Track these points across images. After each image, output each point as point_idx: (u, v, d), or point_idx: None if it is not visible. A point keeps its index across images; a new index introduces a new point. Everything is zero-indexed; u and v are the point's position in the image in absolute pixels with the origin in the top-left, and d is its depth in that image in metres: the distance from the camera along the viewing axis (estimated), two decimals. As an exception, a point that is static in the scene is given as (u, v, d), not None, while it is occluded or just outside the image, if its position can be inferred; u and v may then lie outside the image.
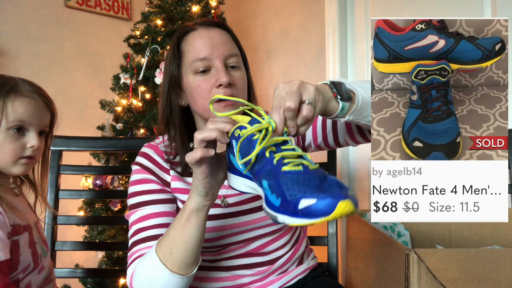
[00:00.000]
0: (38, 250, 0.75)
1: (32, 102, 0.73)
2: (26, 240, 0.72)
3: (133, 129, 1.77)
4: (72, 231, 1.97)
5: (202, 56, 0.73)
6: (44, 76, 2.13)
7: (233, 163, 0.56)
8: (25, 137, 0.72)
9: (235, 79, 0.75)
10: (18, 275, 0.69)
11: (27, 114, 0.72)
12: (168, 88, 0.78)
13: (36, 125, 0.74)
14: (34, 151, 0.73)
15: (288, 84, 0.54)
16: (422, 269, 0.57)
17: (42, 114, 0.75)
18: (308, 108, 0.53)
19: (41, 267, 0.75)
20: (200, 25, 0.77)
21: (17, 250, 0.69)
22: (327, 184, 0.43)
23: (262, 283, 0.80)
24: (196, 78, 0.75)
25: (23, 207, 0.76)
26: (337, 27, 1.87)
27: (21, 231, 0.71)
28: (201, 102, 0.75)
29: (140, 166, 0.79)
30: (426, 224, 1.03)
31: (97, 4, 2.31)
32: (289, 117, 0.53)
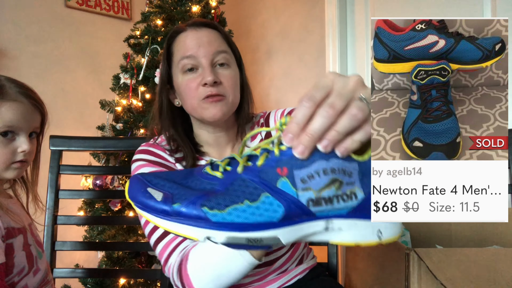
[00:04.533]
0: (33, 252, 0.74)
1: (20, 105, 0.69)
2: (21, 243, 0.71)
3: (133, 129, 1.77)
4: (72, 231, 1.97)
5: (188, 54, 0.74)
6: (44, 76, 2.13)
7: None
8: (15, 141, 0.70)
9: (223, 77, 0.75)
10: (14, 278, 0.68)
11: (16, 119, 0.69)
12: (160, 89, 0.80)
13: (26, 129, 0.71)
14: (26, 154, 0.72)
15: (342, 78, 0.36)
16: (422, 269, 0.57)
17: (32, 117, 0.72)
18: (359, 105, 0.35)
19: (36, 269, 0.74)
20: (190, 26, 0.77)
21: (12, 253, 0.68)
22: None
23: (261, 282, 0.80)
24: (184, 77, 0.76)
25: (17, 209, 0.75)
26: (337, 27, 1.87)
27: (15, 234, 0.70)
28: (189, 100, 0.75)
29: (144, 161, 0.77)
30: (426, 224, 1.03)
31: (97, 4, 2.31)
32: (324, 119, 0.34)
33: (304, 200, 0.35)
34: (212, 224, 0.35)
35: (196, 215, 0.35)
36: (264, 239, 0.36)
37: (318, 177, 0.35)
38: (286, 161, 0.35)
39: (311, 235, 0.37)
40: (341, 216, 0.36)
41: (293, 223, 0.36)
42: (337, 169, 0.35)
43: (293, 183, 0.35)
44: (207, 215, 0.35)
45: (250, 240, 0.35)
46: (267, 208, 0.35)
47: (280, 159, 0.36)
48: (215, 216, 0.35)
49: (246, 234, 0.35)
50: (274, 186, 0.35)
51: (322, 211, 0.36)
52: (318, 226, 0.37)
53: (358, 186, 0.36)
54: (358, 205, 0.36)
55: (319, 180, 0.35)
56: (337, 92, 0.35)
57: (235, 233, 0.35)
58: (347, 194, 0.36)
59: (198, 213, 0.35)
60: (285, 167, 0.35)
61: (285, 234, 0.36)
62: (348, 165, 0.35)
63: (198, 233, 0.35)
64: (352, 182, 0.36)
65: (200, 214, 0.35)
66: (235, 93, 0.78)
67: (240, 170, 0.37)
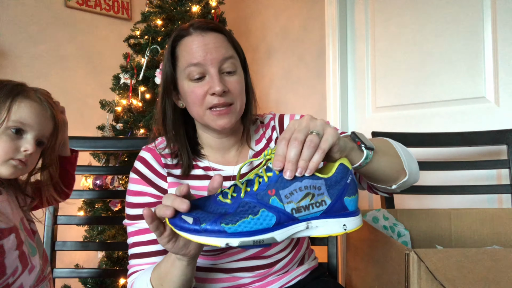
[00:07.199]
0: (25, 250, 0.73)
1: (38, 107, 0.72)
2: (13, 243, 0.70)
3: (133, 129, 1.77)
4: (72, 231, 1.97)
5: (195, 61, 0.73)
6: (44, 76, 2.14)
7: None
8: (22, 140, 0.71)
9: (230, 84, 0.74)
10: (8, 279, 0.68)
11: (29, 117, 0.71)
12: (163, 91, 0.79)
13: (36, 131, 0.72)
14: (27, 156, 0.71)
15: (298, 121, 0.54)
16: (422, 269, 0.57)
17: (45, 122, 0.74)
18: (311, 137, 0.51)
19: (31, 267, 0.73)
20: (195, 29, 0.75)
21: (2, 255, 0.67)
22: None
23: (261, 283, 0.80)
24: (190, 84, 0.74)
25: (6, 207, 0.73)
26: (337, 27, 1.87)
27: (5, 235, 0.69)
28: (195, 108, 0.75)
29: (137, 175, 0.79)
30: (426, 224, 1.03)
31: (97, 4, 2.31)
32: (292, 148, 0.51)
33: (289, 210, 0.51)
34: (229, 234, 0.50)
35: (217, 230, 0.50)
36: (265, 240, 0.51)
37: (296, 193, 0.51)
38: (273, 184, 0.51)
39: (296, 233, 0.52)
40: (316, 217, 0.52)
41: (283, 226, 0.51)
42: (309, 186, 0.51)
43: (280, 199, 0.51)
44: (224, 229, 0.50)
45: (255, 241, 0.50)
46: (265, 219, 0.50)
47: (269, 183, 0.51)
48: (230, 228, 0.50)
49: (252, 238, 0.50)
50: (267, 203, 0.51)
51: (303, 216, 0.51)
52: (301, 226, 0.52)
53: (326, 195, 0.51)
54: (327, 208, 0.52)
55: (297, 195, 0.51)
56: (297, 130, 0.52)
57: (245, 238, 0.50)
58: (318, 202, 0.51)
59: (219, 228, 0.50)
60: (273, 189, 0.51)
61: (279, 235, 0.51)
62: (317, 182, 0.51)
63: (220, 241, 0.50)
64: (321, 193, 0.51)
65: (220, 229, 0.50)
66: (242, 98, 0.77)
67: (243, 195, 0.52)
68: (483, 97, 1.45)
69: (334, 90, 1.89)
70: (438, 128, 1.55)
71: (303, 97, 2.08)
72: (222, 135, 0.80)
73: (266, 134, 0.86)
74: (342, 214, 0.52)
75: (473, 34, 1.47)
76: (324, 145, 0.51)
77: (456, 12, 1.52)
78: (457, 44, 1.51)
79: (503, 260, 0.57)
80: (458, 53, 1.51)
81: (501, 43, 1.40)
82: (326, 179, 0.51)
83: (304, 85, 2.07)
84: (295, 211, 0.51)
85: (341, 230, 0.52)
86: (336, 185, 0.51)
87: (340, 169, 0.52)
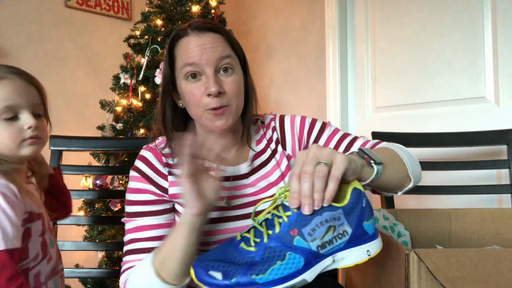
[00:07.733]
0: (47, 239, 0.73)
1: (12, 82, 0.68)
2: (39, 229, 0.70)
3: (133, 129, 1.78)
4: (72, 231, 1.98)
5: (190, 61, 0.73)
6: (44, 76, 2.13)
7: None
8: (19, 121, 0.68)
9: (227, 85, 0.74)
10: (29, 263, 0.67)
11: (10, 96, 0.67)
12: (163, 91, 0.79)
13: (26, 105, 0.69)
14: (35, 130, 0.69)
15: (305, 152, 0.54)
16: (422, 269, 0.57)
17: (28, 92, 0.70)
18: (319, 167, 0.51)
19: (49, 257, 0.73)
20: (193, 29, 0.75)
21: (28, 238, 0.67)
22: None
23: (261, 283, 0.80)
24: (187, 85, 0.74)
25: (36, 194, 0.74)
26: (337, 27, 1.87)
27: (35, 219, 0.69)
28: (193, 108, 0.75)
29: (138, 173, 0.78)
30: (426, 224, 1.03)
31: (97, 4, 2.31)
32: (304, 183, 0.50)
33: (314, 248, 0.50)
34: (261, 285, 0.49)
35: (249, 282, 0.49)
36: (296, 284, 0.50)
37: (318, 228, 0.50)
38: (294, 224, 0.50)
39: (324, 268, 0.52)
40: (340, 249, 0.51)
41: (311, 266, 0.51)
42: (330, 218, 0.50)
43: (304, 238, 0.49)
44: (255, 280, 0.49)
45: (287, 287, 0.50)
46: (293, 262, 0.50)
47: (290, 223, 0.50)
48: (261, 279, 0.49)
49: (284, 285, 0.49)
50: (292, 244, 0.50)
51: (328, 250, 0.51)
52: (327, 261, 0.52)
53: (346, 224, 0.51)
54: (349, 238, 0.51)
55: (319, 231, 0.50)
56: (305, 162, 0.52)
57: (277, 286, 0.49)
58: (341, 233, 0.51)
59: (250, 280, 0.49)
60: (295, 228, 0.50)
61: (308, 275, 0.51)
62: (335, 212, 0.50)
63: None
64: (341, 223, 0.51)
65: (251, 281, 0.49)
66: (239, 99, 0.77)
67: (266, 240, 0.51)
68: (483, 97, 1.45)
69: (334, 90, 1.89)
70: (438, 128, 1.55)
71: (303, 97, 2.08)
72: (221, 135, 0.81)
73: (266, 135, 0.86)
74: (364, 240, 0.52)
75: (473, 34, 1.47)
76: (336, 173, 0.51)
77: (456, 12, 1.52)
78: (457, 44, 1.51)
79: (503, 260, 0.57)
80: (458, 53, 1.51)
81: (501, 43, 1.40)
82: (343, 207, 0.51)
83: (304, 85, 2.07)
84: (321, 248, 0.50)
85: (365, 257, 0.52)
86: (353, 211, 0.51)
87: (354, 194, 0.51)
